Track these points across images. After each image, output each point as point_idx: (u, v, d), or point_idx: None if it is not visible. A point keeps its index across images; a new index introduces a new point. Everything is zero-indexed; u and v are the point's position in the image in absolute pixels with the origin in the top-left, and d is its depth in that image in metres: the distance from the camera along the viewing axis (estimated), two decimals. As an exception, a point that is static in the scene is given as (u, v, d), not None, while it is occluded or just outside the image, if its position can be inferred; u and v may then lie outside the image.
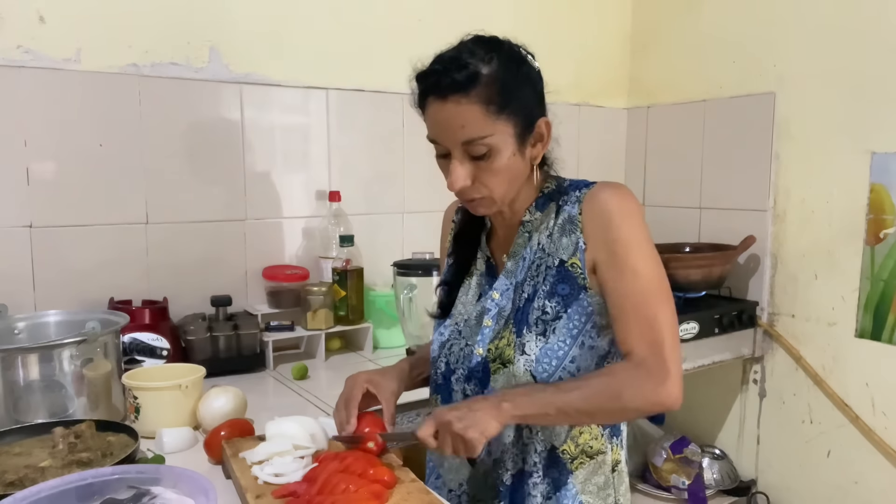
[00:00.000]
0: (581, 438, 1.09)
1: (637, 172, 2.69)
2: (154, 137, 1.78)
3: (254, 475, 1.04)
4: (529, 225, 1.11)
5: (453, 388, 1.15)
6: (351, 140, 2.09)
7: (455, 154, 1.01)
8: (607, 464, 1.12)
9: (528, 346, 1.04)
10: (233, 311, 1.83)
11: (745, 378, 2.35)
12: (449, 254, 1.25)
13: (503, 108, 0.98)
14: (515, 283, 1.11)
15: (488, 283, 1.16)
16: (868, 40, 1.96)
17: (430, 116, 1.02)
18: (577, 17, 2.54)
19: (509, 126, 1.00)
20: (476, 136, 0.98)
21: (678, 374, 0.98)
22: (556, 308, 1.05)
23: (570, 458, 1.09)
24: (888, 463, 1.98)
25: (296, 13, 1.96)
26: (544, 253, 1.09)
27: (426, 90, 1.02)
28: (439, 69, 1.00)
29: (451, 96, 0.98)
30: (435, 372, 1.19)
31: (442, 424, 0.96)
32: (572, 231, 1.06)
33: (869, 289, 2.00)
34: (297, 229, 2.03)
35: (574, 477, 1.09)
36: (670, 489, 2.24)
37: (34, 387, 1.31)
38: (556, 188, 1.12)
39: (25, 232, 1.65)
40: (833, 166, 2.07)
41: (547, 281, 1.07)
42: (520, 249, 1.12)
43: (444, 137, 1.01)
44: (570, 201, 1.08)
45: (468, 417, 0.95)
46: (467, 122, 0.98)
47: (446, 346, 1.17)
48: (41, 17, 1.62)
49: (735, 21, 2.30)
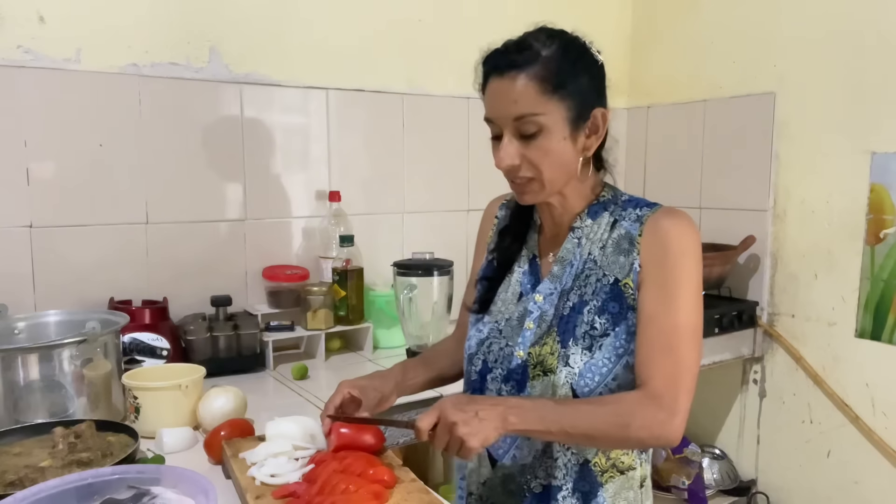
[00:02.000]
0: (613, 452, 1.08)
1: (637, 172, 2.69)
2: (154, 137, 1.78)
3: (250, 476, 1.04)
4: (580, 231, 1.10)
5: (489, 388, 1.13)
6: (351, 140, 2.09)
7: (507, 131, 1.02)
8: (636, 479, 1.12)
9: (573, 358, 1.04)
10: (233, 311, 1.83)
11: (745, 378, 2.35)
12: (491, 249, 1.22)
13: (557, 89, 0.99)
14: (561, 289, 1.09)
15: (530, 282, 1.14)
16: (868, 41, 1.96)
17: (488, 94, 1.04)
18: (577, 17, 2.53)
19: (562, 108, 1.00)
20: (527, 112, 0.99)
21: (686, 414, 1.00)
22: (605, 325, 1.05)
23: (601, 471, 1.08)
24: (888, 463, 1.98)
25: (296, 13, 1.96)
26: (596, 266, 1.08)
27: (488, 70, 1.04)
28: (503, 50, 1.03)
29: (508, 72, 1.00)
30: (471, 369, 1.17)
31: (445, 423, 0.94)
32: (630, 251, 1.06)
33: (869, 289, 2.00)
34: (297, 229, 2.03)
35: (604, 490, 1.08)
36: (670, 489, 2.24)
37: (34, 387, 1.31)
38: (612, 199, 1.12)
39: (25, 232, 1.65)
40: (833, 166, 2.07)
41: (598, 296, 1.06)
42: (568, 255, 1.10)
43: (497, 112, 1.02)
44: (628, 218, 1.08)
45: (473, 424, 0.92)
46: (520, 98, 0.99)
47: (485, 343, 1.14)
48: (41, 17, 1.62)
49: (735, 21, 2.30)
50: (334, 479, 0.98)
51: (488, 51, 1.05)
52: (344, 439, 1.07)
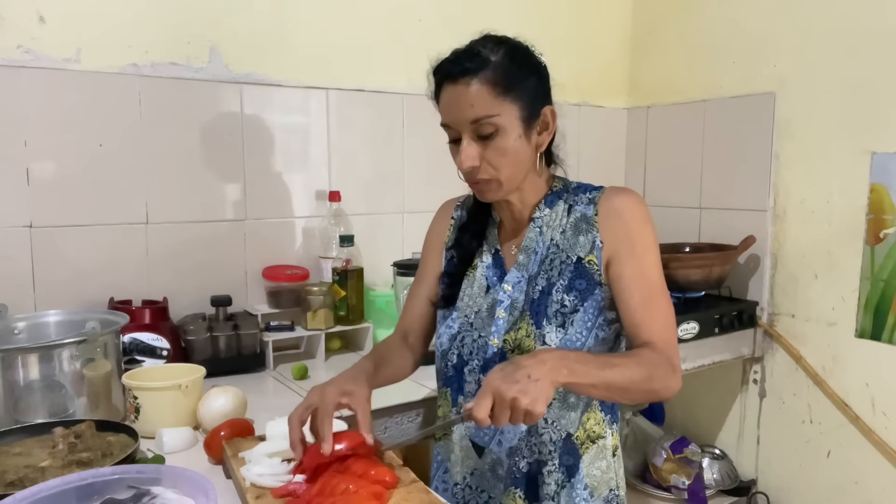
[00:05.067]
0: (588, 424, 1.15)
1: (637, 172, 2.69)
2: (154, 137, 1.78)
3: (241, 476, 1.04)
4: (540, 220, 1.18)
5: (466, 380, 1.18)
6: (351, 140, 2.09)
7: (465, 134, 1.08)
8: (608, 448, 1.18)
9: (549, 336, 1.11)
10: (233, 311, 1.83)
11: (745, 378, 2.35)
12: (450, 247, 1.28)
13: (509, 90, 1.06)
14: (529, 276, 1.16)
15: (496, 274, 1.19)
16: (868, 40, 1.96)
17: (444, 101, 1.10)
18: (577, 17, 2.54)
19: (515, 108, 1.07)
20: (484, 115, 1.06)
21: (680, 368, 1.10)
22: (574, 302, 1.12)
23: (580, 443, 1.15)
24: (888, 463, 1.98)
25: (296, 13, 1.95)
26: (559, 249, 1.15)
27: (441, 78, 1.10)
28: (453, 59, 1.10)
29: (461, 79, 1.06)
30: (445, 364, 1.21)
31: (504, 401, 0.91)
32: (588, 231, 1.14)
33: (869, 289, 2.00)
34: (297, 229, 2.03)
35: (582, 461, 1.15)
36: (670, 489, 2.24)
37: (34, 387, 1.31)
38: (564, 187, 1.20)
39: (25, 232, 1.65)
40: (833, 166, 2.07)
41: (564, 276, 1.13)
42: (531, 244, 1.17)
43: (454, 118, 1.09)
44: (581, 202, 1.16)
45: (531, 390, 0.90)
46: (476, 102, 1.05)
47: (457, 338, 1.19)
48: (41, 17, 1.62)
49: (735, 21, 2.30)
50: (334, 480, 0.98)
51: (438, 60, 1.11)
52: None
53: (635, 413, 2.47)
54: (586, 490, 1.15)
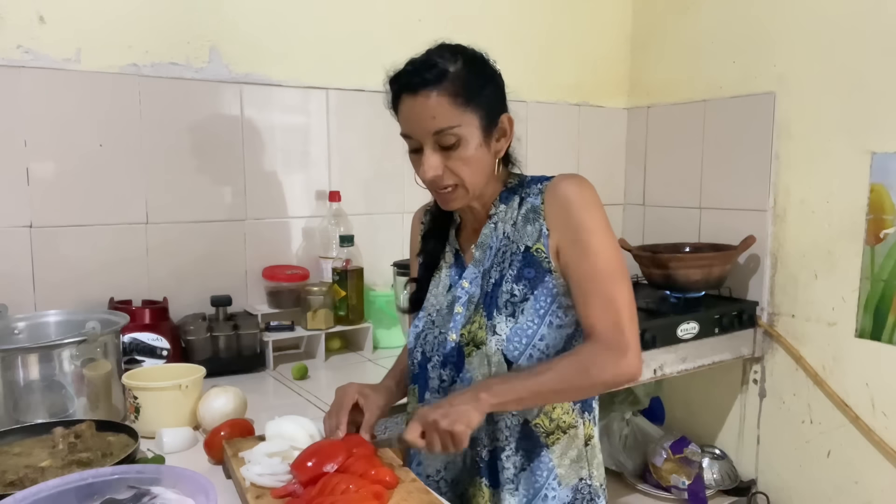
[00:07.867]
0: (554, 413, 1.16)
1: (637, 172, 2.69)
2: (154, 137, 1.78)
3: (241, 476, 1.04)
4: (496, 217, 1.19)
5: (430, 376, 1.21)
6: (351, 140, 2.09)
7: (427, 145, 1.09)
8: (580, 437, 1.19)
9: (499, 326, 1.11)
10: (233, 311, 1.83)
11: (745, 378, 2.35)
12: (418, 253, 1.31)
13: (469, 101, 1.07)
14: (483, 270, 1.18)
15: (458, 273, 1.22)
16: (868, 40, 1.96)
17: (404, 112, 1.11)
18: (577, 17, 2.54)
19: (475, 118, 1.08)
20: (445, 126, 1.07)
21: (637, 347, 1.08)
22: (524, 290, 1.12)
23: (545, 432, 1.16)
24: (888, 463, 1.98)
25: (296, 13, 1.96)
26: (509, 241, 1.17)
27: (399, 89, 1.11)
28: (411, 70, 1.10)
29: (421, 91, 1.07)
30: (412, 362, 1.25)
31: (427, 424, 1.02)
32: (535, 219, 1.14)
33: (869, 289, 2.00)
34: (297, 229, 2.03)
35: (551, 451, 1.16)
36: (670, 489, 2.25)
37: (34, 387, 1.31)
38: (519, 183, 1.21)
39: (25, 232, 1.65)
40: (833, 166, 2.07)
41: (513, 266, 1.14)
42: (486, 240, 1.19)
43: (416, 130, 1.09)
44: (532, 193, 1.17)
45: (451, 413, 1.00)
46: (437, 114, 1.06)
47: (421, 336, 1.23)
48: (41, 17, 1.62)
49: (735, 21, 2.30)
50: (335, 479, 0.98)
51: (394, 71, 1.12)
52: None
53: (635, 413, 2.47)
54: (555, 479, 1.15)
